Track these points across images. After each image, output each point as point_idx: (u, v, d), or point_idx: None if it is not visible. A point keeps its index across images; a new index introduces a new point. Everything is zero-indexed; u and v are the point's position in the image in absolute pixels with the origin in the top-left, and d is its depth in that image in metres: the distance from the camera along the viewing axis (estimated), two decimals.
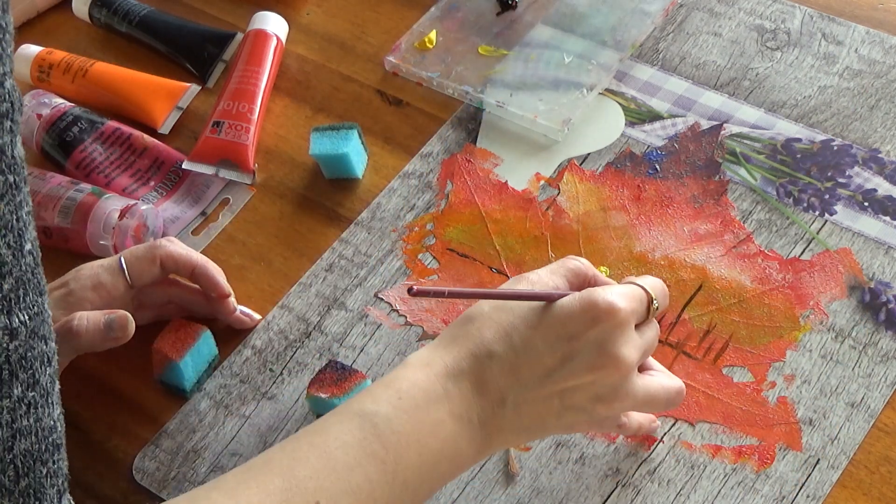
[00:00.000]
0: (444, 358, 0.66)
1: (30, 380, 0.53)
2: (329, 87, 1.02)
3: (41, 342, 0.54)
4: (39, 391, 0.54)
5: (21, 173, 0.52)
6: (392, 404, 0.64)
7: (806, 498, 0.73)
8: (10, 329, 0.51)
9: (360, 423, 0.63)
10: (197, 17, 1.09)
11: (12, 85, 0.51)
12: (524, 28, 1.02)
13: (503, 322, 0.67)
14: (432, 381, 0.65)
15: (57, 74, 1.03)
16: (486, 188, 0.92)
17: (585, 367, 0.65)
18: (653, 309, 0.69)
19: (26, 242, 0.52)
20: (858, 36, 0.97)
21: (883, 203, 0.86)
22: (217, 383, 0.83)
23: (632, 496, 0.74)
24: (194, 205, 0.95)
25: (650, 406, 0.70)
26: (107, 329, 0.78)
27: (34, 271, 0.53)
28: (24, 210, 0.52)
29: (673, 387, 0.71)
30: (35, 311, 0.53)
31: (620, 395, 0.67)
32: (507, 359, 0.66)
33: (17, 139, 0.52)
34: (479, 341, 0.66)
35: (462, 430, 0.65)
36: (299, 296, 0.88)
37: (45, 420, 0.55)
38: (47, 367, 0.54)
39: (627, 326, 0.66)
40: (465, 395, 0.65)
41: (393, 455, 0.62)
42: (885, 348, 0.79)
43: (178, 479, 0.79)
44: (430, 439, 0.64)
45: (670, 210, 0.88)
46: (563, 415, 0.67)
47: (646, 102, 0.95)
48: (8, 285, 0.51)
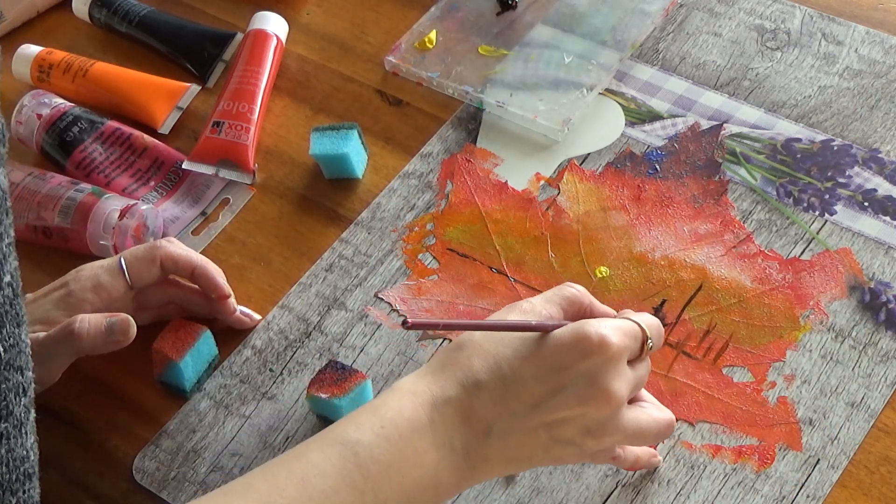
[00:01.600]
0: (431, 386, 0.66)
1: (3, 411, 0.53)
2: (329, 87, 1.02)
3: (16, 373, 0.53)
4: (13, 422, 0.53)
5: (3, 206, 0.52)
6: (375, 432, 0.63)
7: (806, 498, 0.73)
8: None
9: (341, 451, 0.62)
10: (197, 17, 1.09)
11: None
12: (524, 28, 1.02)
13: (493, 351, 0.66)
14: (417, 410, 0.64)
15: (57, 74, 1.03)
16: (486, 188, 0.92)
17: (574, 399, 0.65)
18: (647, 347, 0.68)
19: (5, 275, 0.52)
20: (858, 36, 0.97)
21: (883, 203, 0.86)
22: (217, 383, 0.83)
23: (632, 496, 0.74)
24: (194, 205, 0.95)
25: (640, 439, 0.69)
26: (108, 332, 0.78)
27: (13, 303, 0.53)
28: (4, 242, 0.52)
29: (663, 420, 0.70)
30: (11, 342, 0.53)
31: (609, 429, 0.66)
32: (495, 389, 0.65)
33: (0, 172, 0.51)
34: (468, 370, 0.66)
35: (444, 459, 0.64)
36: (299, 296, 0.88)
37: (18, 450, 0.54)
38: (22, 398, 0.54)
39: (619, 361, 0.66)
40: (449, 424, 0.65)
41: (372, 485, 0.62)
42: (885, 348, 0.79)
43: (178, 479, 0.79)
44: (411, 469, 0.63)
45: (670, 210, 0.88)
46: (551, 448, 0.66)
47: (646, 102, 0.95)
48: None
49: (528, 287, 0.85)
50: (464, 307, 0.85)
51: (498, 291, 0.85)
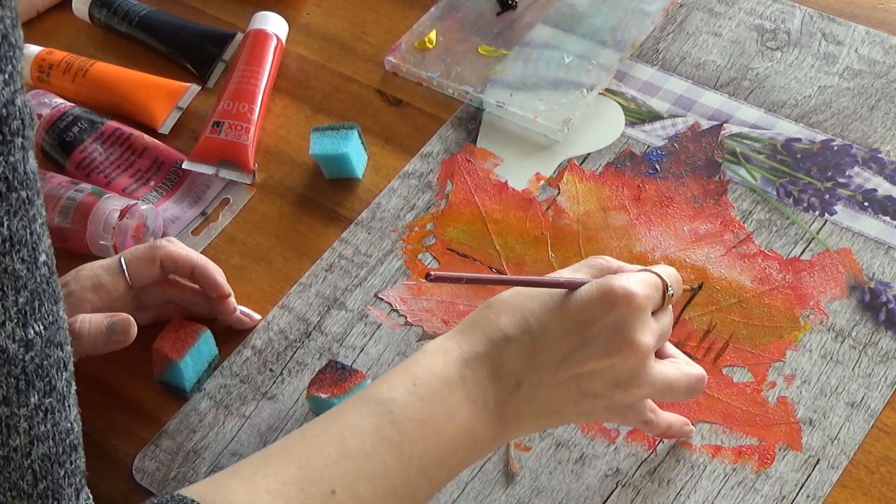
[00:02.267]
0: (461, 344, 0.66)
1: (46, 387, 0.54)
2: (329, 87, 1.02)
3: (57, 349, 0.55)
4: (56, 396, 0.55)
5: (34, 187, 0.53)
6: (408, 390, 0.64)
7: (806, 498, 0.73)
8: (26, 340, 0.53)
9: (376, 410, 0.63)
10: (197, 17, 1.09)
11: (23, 102, 0.52)
12: (524, 28, 1.02)
13: (521, 307, 0.67)
14: (448, 367, 0.65)
15: (57, 74, 1.03)
16: (486, 188, 0.92)
17: (602, 351, 0.65)
18: (668, 296, 0.69)
19: (40, 254, 0.54)
20: (858, 36, 0.97)
21: (883, 203, 0.86)
22: (217, 383, 0.83)
23: (632, 496, 0.74)
24: (194, 205, 0.95)
25: (670, 393, 0.69)
26: (109, 332, 0.78)
27: (49, 281, 0.54)
28: (38, 223, 0.53)
29: (693, 374, 0.70)
30: (50, 320, 0.54)
31: (639, 381, 0.67)
32: (523, 343, 0.66)
33: (28, 154, 0.53)
34: (496, 326, 0.66)
35: (478, 414, 0.65)
36: (299, 296, 0.88)
37: (63, 423, 0.56)
38: (63, 372, 0.56)
39: (644, 312, 0.66)
40: (480, 380, 0.65)
41: (409, 442, 0.63)
42: (885, 348, 0.79)
43: (178, 479, 0.79)
44: (446, 425, 0.64)
45: (670, 210, 0.88)
46: (581, 401, 0.67)
47: (646, 102, 0.95)
48: (23, 298, 0.53)
49: None
50: (464, 307, 0.85)
51: (498, 291, 0.85)
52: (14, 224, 0.52)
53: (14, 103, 0.51)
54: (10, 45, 0.51)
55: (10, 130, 0.51)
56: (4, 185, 0.51)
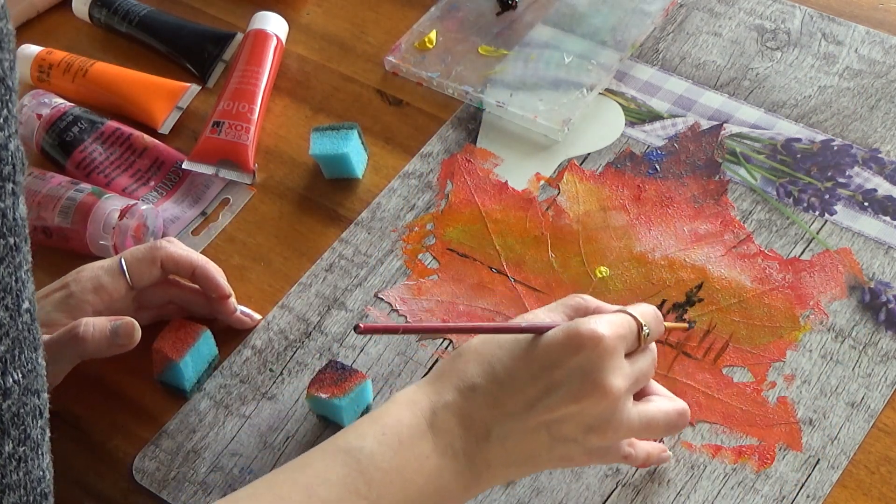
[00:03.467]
0: (430, 394, 0.66)
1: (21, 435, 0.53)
2: (329, 87, 1.02)
3: (34, 397, 0.54)
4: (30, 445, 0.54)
5: (22, 233, 0.52)
6: (377, 440, 0.63)
7: (806, 498, 0.73)
8: (4, 389, 0.52)
9: (344, 459, 0.63)
10: (197, 17, 1.09)
11: (16, 146, 0.51)
12: (524, 28, 1.02)
13: (488, 354, 0.66)
14: (417, 417, 0.65)
15: (57, 74, 1.03)
16: (486, 188, 0.92)
17: (570, 396, 0.64)
18: (643, 336, 0.68)
19: (24, 301, 0.53)
20: (858, 36, 0.97)
21: (883, 203, 0.86)
22: (217, 383, 0.83)
23: (632, 496, 0.74)
24: (194, 205, 0.95)
25: (649, 432, 0.69)
26: (113, 336, 0.78)
27: (30, 328, 0.53)
28: (23, 269, 0.52)
29: (672, 410, 0.69)
30: (29, 367, 0.53)
31: (613, 425, 0.66)
32: (490, 391, 0.65)
33: (19, 200, 0.52)
34: (464, 375, 0.66)
35: (447, 464, 0.64)
36: (299, 296, 0.88)
37: (35, 472, 0.55)
38: (38, 420, 0.55)
39: (613, 354, 0.65)
40: (449, 430, 0.65)
41: (376, 492, 0.62)
42: (885, 348, 0.79)
43: (178, 479, 0.79)
44: (414, 475, 0.63)
45: (670, 210, 0.88)
46: (554, 447, 0.66)
47: (646, 102, 0.95)
48: (4, 347, 0.52)
49: (528, 287, 0.85)
50: (464, 307, 0.85)
51: (498, 291, 0.85)
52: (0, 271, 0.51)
53: (7, 148, 0.50)
54: (6, 89, 0.50)
55: (1, 175, 0.50)
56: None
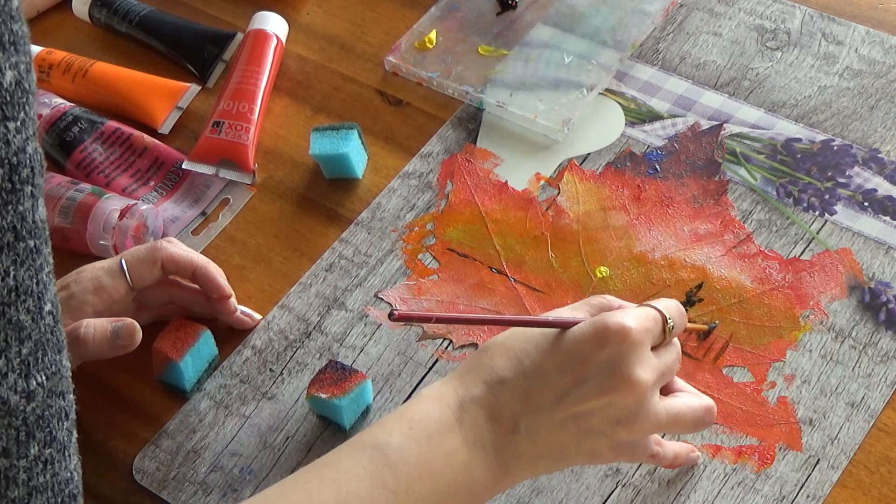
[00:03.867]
0: (457, 389, 0.66)
1: (47, 437, 0.54)
2: (329, 87, 1.02)
3: (59, 398, 0.54)
4: (56, 447, 0.54)
5: (42, 235, 0.52)
6: (403, 434, 0.63)
7: (806, 498, 0.73)
8: (28, 392, 0.52)
9: (371, 455, 0.63)
10: (197, 17, 1.09)
11: (34, 148, 0.51)
12: (524, 28, 1.02)
13: (515, 349, 0.66)
14: (444, 411, 0.65)
15: (57, 74, 1.03)
16: (486, 188, 0.92)
17: (598, 389, 0.64)
18: (668, 329, 0.68)
19: (46, 303, 0.53)
20: (858, 36, 0.97)
21: (883, 203, 0.86)
22: (217, 383, 0.83)
23: (632, 496, 0.74)
24: (194, 205, 0.95)
25: (676, 427, 0.68)
26: (114, 337, 0.78)
27: (53, 330, 0.54)
28: (44, 272, 0.53)
29: (700, 406, 0.69)
30: (53, 370, 0.54)
31: (641, 417, 0.65)
32: (518, 384, 0.65)
33: (38, 203, 0.52)
34: (491, 369, 0.66)
35: (476, 458, 0.64)
36: (299, 296, 0.88)
37: (62, 473, 0.55)
38: (64, 422, 0.55)
39: (640, 347, 0.65)
40: (477, 423, 0.65)
41: (405, 485, 0.62)
42: (885, 348, 0.79)
43: (178, 479, 0.79)
44: (443, 469, 0.63)
45: (670, 210, 0.88)
46: (583, 441, 0.66)
47: (646, 102, 0.95)
48: (27, 349, 0.52)
49: (528, 287, 0.85)
50: (464, 307, 0.85)
51: (498, 291, 0.85)
52: (21, 274, 0.51)
53: (25, 151, 0.50)
54: (23, 91, 0.50)
55: (20, 179, 0.50)
56: (12, 234, 0.50)
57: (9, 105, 0.49)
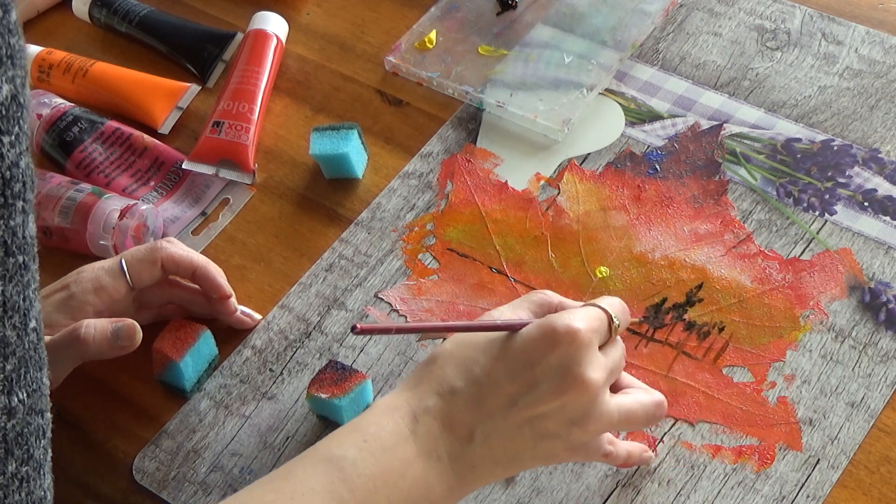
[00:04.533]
0: (410, 400, 0.66)
1: (24, 455, 0.53)
2: (329, 87, 1.02)
3: (38, 416, 0.54)
4: (33, 465, 0.54)
5: (31, 252, 0.52)
6: (358, 447, 0.63)
7: (806, 498, 0.73)
8: (9, 408, 0.52)
9: (326, 468, 0.63)
10: (197, 17, 1.09)
11: (27, 163, 0.51)
12: (524, 28, 1.02)
13: (464, 357, 0.66)
14: (398, 423, 0.65)
15: (57, 74, 1.03)
16: (486, 188, 0.92)
17: (550, 392, 0.65)
18: (614, 328, 0.68)
19: (31, 320, 0.52)
20: (858, 36, 0.97)
21: (883, 203, 0.86)
22: (217, 383, 0.83)
23: (632, 496, 0.74)
24: (194, 205, 0.95)
25: (629, 424, 0.69)
26: (114, 338, 0.78)
27: (36, 347, 0.53)
28: (31, 288, 0.52)
29: (650, 401, 0.70)
30: (34, 387, 0.53)
31: (594, 417, 0.66)
32: (470, 392, 0.65)
33: (29, 218, 0.51)
34: (442, 379, 0.66)
35: (431, 468, 0.64)
36: (299, 296, 0.88)
37: (37, 492, 0.55)
38: (41, 440, 0.55)
39: (589, 347, 0.65)
40: (432, 433, 0.65)
41: (360, 498, 0.62)
42: (885, 348, 0.79)
43: (178, 479, 0.79)
44: (398, 481, 0.63)
45: (670, 210, 0.88)
46: (538, 444, 0.66)
47: (646, 102, 0.95)
48: (10, 366, 0.51)
49: (528, 287, 0.85)
50: (464, 307, 0.85)
51: (498, 291, 0.85)
52: (9, 290, 0.50)
53: (18, 165, 0.50)
54: (18, 105, 0.50)
55: (12, 193, 0.49)
56: (2, 249, 0.50)
57: (4, 119, 0.49)
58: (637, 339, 0.81)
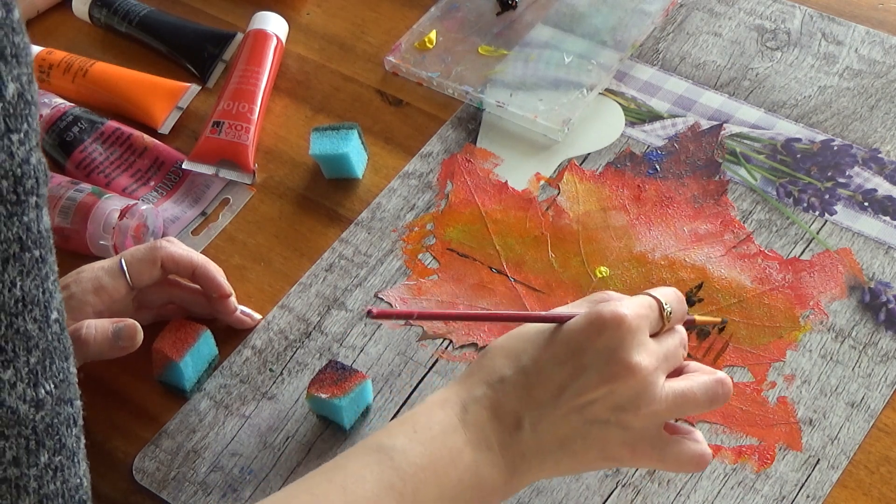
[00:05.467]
0: (459, 392, 0.66)
1: (56, 445, 0.54)
2: (329, 87, 1.02)
3: (67, 406, 0.55)
4: (66, 454, 0.55)
5: (47, 244, 0.53)
6: (408, 437, 0.64)
7: (806, 498, 0.73)
8: (37, 400, 0.52)
9: (378, 458, 0.63)
10: (197, 17, 1.09)
11: (38, 159, 0.51)
12: (524, 28, 1.02)
13: (514, 348, 0.67)
14: (448, 414, 0.65)
15: (57, 74, 1.03)
16: (486, 188, 0.92)
17: (598, 378, 0.64)
18: (666, 315, 0.67)
19: (52, 312, 0.53)
20: (858, 36, 0.97)
21: (883, 203, 0.86)
22: (217, 383, 0.83)
23: (632, 496, 0.74)
24: (194, 205, 0.95)
25: (688, 406, 0.66)
26: (115, 338, 0.78)
27: (60, 338, 0.54)
28: (49, 280, 0.53)
29: (710, 380, 0.67)
30: (61, 377, 0.54)
31: (646, 401, 0.64)
32: (518, 381, 0.65)
33: (42, 213, 0.52)
34: (492, 369, 0.66)
35: (482, 457, 0.64)
36: (299, 296, 0.88)
37: (72, 480, 0.55)
38: (73, 429, 0.55)
39: (637, 333, 0.65)
40: (481, 423, 0.65)
41: (411, 487, 0.62)
42: (885, 348, 0.79)
43: (178, 479, 0.79)
44: (448, 469, 0.63)
45: (670, 210, 0.88)
46: (590, 431, 0.65)
47: (646, 102, 0.95)
48: (34, 358, 0.52)
49: (528, 287, 0.85)
50: (464, 307, 0.85)
51: (498, 291, 0.85)
52: (27, 284, 0.51)
53: (29, 162, 0.50)
54: (25, 103, 0.50)
55: (24, 190, 0.50)
56: (18, 245, 0.50)
57: (12, 117, 0.49)
58: None
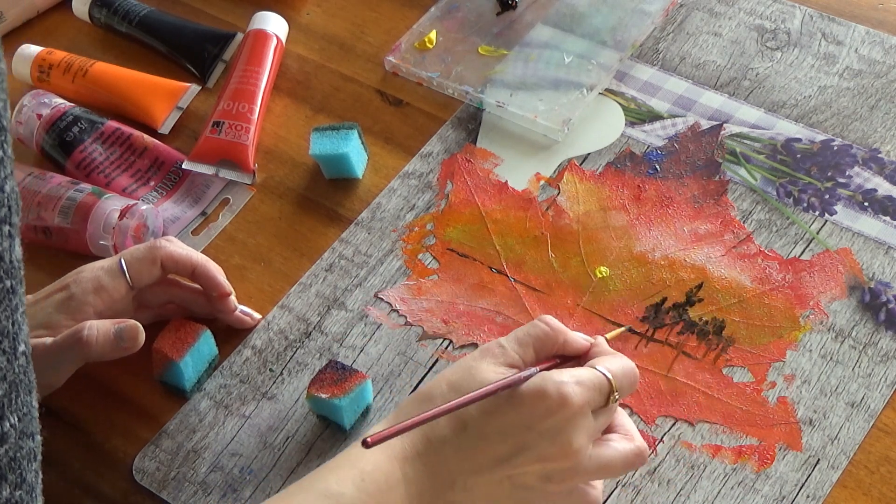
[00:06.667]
0: (403, 442, 0.67)
1: (17, 479, 0.53)
2: (329, 87, 1.02)
3: (29, 440, 0.54)
4: (25, 488, 0.54)
5: (18, 276, 0.51)
6: (356, 486, 0.65)
7: (806, 498, 0.73)
8: (1, 434, 0.51)
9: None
10: (197, 17, 1.09)
11: (12, 188, 0.50)
12: (524, 28, 1.02)
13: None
14: (392, 464, 0.66)
15: (57, 74, 1.03)
16: (486, 188, 0.92)
17: (537, 456, 0.66)
18: (612, 399, 0.68)
19: (20, 344, 0.52)
20: (858, 36, 0.97)
21: (883, 203, 0.86)
22: (217, 383, 0.83)
23: (632, 496, 0.74)
24: (194, 205, 0.95)
25: (607, 474, 0.70)
26: (117, 339, 0.78)
27: (26, 371, 0.53)
28: (18, 312, 0.52)
29: (629, 450, 0.69)
30: (24, 411, 0.53)
31: (572, 474, 0.67)
32: (460, 444, 0.67)
33: (15, 242, 0.51)
34: (435, 425, 0.67)
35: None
36: (299, 296, 0.88)
37: None
38: (33, 463, 0.54)
39: (581, 417, 0.66)
40: (419, 478, 0.67)
41: None
42: (885, 348, 0.79)
43: (178, 479, 0.79)
44: None
45: (670, 210, 0.88)
46: (514, 493, 0.68)
47: (646, 102, 0.95)
48: (1, 391, 0.51)
49: (528, 287, 0.85)
50: (464, 307, 0.85)
51: (498, 291, 0.85)
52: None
53: (3, 190, 0.49)
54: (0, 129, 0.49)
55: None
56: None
57: None
58: (637, 339, 0.81)
